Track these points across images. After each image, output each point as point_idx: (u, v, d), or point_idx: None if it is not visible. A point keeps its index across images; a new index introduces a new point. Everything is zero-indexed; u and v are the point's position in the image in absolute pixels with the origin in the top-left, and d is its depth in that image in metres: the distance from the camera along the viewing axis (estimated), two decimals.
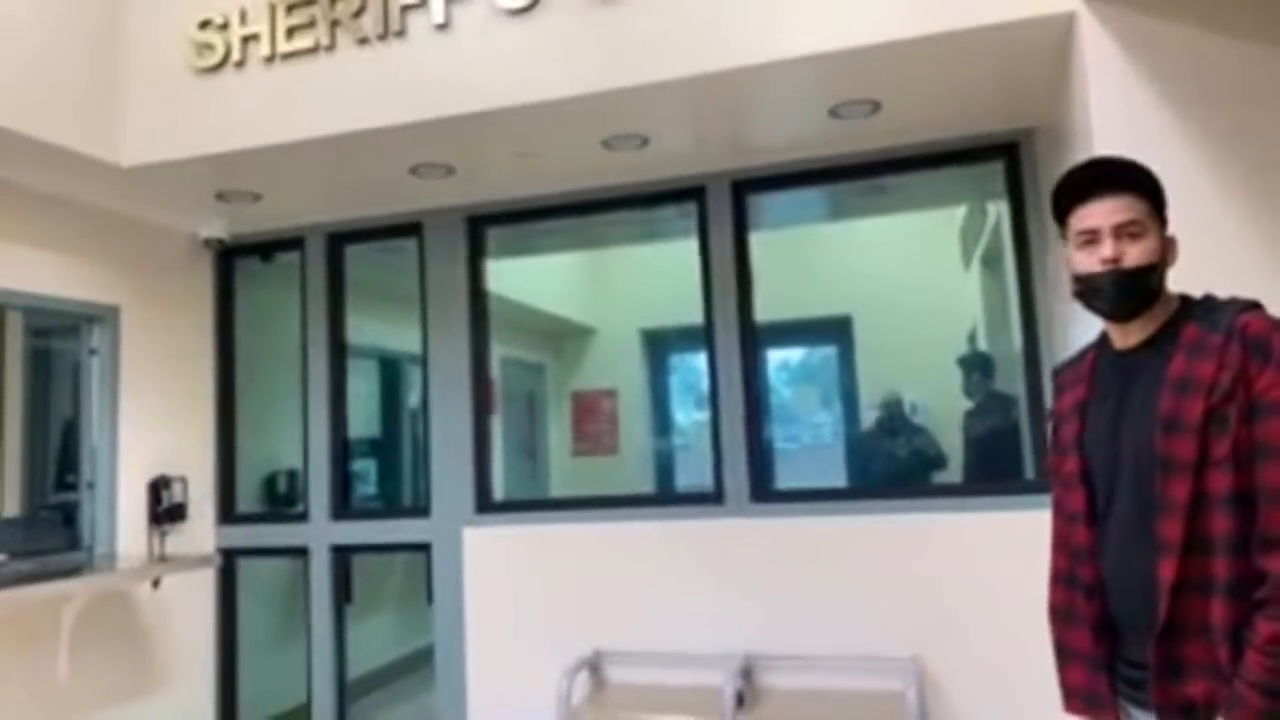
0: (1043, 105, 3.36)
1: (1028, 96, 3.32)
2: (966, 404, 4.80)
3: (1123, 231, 1.65)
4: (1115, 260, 1.65)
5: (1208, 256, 2.39)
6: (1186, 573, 1.53)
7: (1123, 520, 1.66)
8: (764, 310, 4.02)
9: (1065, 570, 1.80)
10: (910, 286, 5.69)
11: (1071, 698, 1.77)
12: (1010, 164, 3.72)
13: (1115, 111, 2.62)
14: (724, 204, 4.02)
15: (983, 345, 5.11)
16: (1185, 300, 1.71)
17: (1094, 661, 1.71)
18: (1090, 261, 1.68)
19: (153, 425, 4.27)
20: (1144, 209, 1.67)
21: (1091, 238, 1.68)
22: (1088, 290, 1.71)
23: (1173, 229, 1.73)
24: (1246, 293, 1.68)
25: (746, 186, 4.02)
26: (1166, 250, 1.69)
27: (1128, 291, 1.66)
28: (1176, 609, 1.54)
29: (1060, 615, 1.80)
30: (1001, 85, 3.25)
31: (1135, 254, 1.64)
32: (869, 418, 5.85)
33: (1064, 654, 1.79)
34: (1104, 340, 1.81)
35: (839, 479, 6.02)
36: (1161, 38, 2.60)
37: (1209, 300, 1.70)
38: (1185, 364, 1.60)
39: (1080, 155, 2.79)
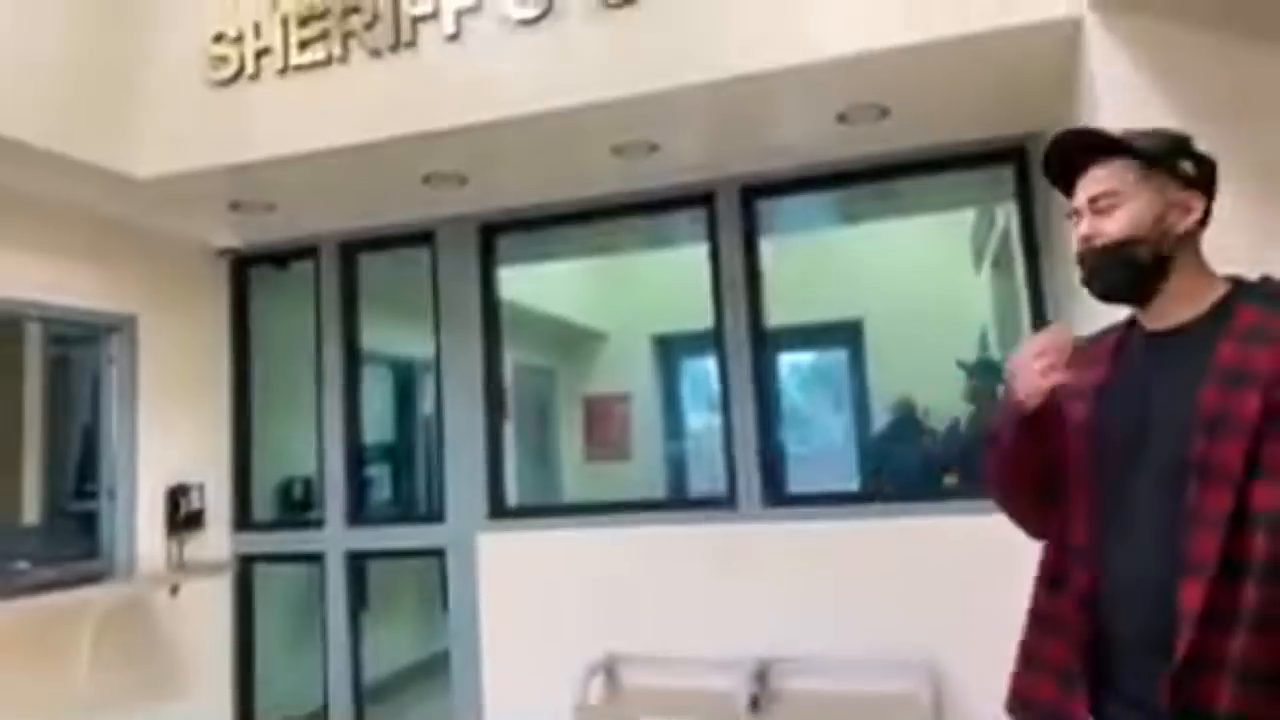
0: (1051, 110, 3.36)
1: (1036, 101, 3.33)
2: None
3: (1094, 207, 1.46)
4: (1087, 239, 1.47)
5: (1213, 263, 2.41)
6: (1215, 602, 1.26)
7: (1141, 528, 1.40)
8: (775, 314, 4.04)
9: (1053, 570, 1.56)
10: (921, 290, 5.69)
11: (1026, 710, 1.56)
12: (1019, 168, 3.72)
13: (1122, 116, 2.61)
14: (733, 209, 4.04)
15: (994, 347, 5.11)
16: (1238, 281, 1.46)
17: (1070, 679, 1.45)
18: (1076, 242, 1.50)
19: (170, 433, 4.32)
20: (1122, 176, 1.44)
21: (1076, 216, 1.51)
22: (1081, 274, 1.52)
23: None
24: None
25: (756, 192, 4.05)
26: (1168, 214, 1.42)
27: (1103, 270, 1.46)
28: (1200, 643, 1.27)
29: (1040, 621, 1.57)
30: (1010, 90, 3.26)
31: (1109, 228, 1.44)
32: (881, 421, 5.86)
33: (1033, 663, 1.56)
34: (1134, 320, 1.54)
35: (851, 483, 6.01)
36: (1168, 42, 2.60)
37: (1270, 280, 1.44)
38: (1238, 352, 1.33)
39: None
